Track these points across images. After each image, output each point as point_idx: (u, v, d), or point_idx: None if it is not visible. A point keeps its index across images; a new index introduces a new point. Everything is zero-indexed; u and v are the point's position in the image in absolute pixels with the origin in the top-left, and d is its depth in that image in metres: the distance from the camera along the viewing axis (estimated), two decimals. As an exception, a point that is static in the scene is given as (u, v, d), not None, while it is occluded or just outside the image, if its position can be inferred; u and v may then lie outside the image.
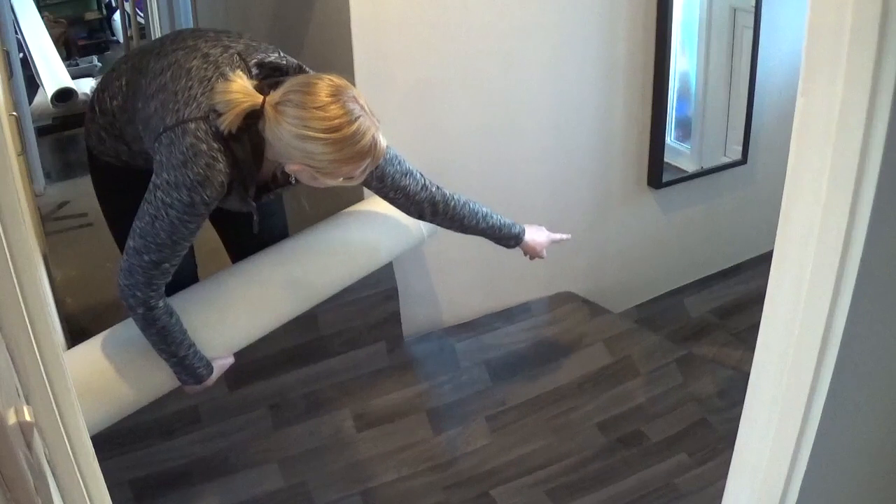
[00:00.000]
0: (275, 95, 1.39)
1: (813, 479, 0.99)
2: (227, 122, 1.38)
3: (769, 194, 2.35)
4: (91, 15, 6.11)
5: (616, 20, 2.18)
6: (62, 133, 4.21)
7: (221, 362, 1.67)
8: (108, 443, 1.80)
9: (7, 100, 2.29)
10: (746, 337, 2.48)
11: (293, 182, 1.57)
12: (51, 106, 4.18)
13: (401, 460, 2.04)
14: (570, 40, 2.15)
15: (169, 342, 1.52)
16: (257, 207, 1.54)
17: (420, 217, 1.75)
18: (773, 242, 0.94)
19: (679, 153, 2.54)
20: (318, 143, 1.36)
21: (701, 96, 2.52)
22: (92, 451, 0.88)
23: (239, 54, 1.48)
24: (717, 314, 2.68)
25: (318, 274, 1.77)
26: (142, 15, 4.52)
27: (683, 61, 2.40)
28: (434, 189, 1.71)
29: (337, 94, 1.37)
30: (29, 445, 0.71)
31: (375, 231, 1.88)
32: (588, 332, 2.39)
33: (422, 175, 1.70)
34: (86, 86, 4.42)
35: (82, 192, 3.41)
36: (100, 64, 5.44)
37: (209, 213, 1.45)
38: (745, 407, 1.07)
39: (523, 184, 2.26)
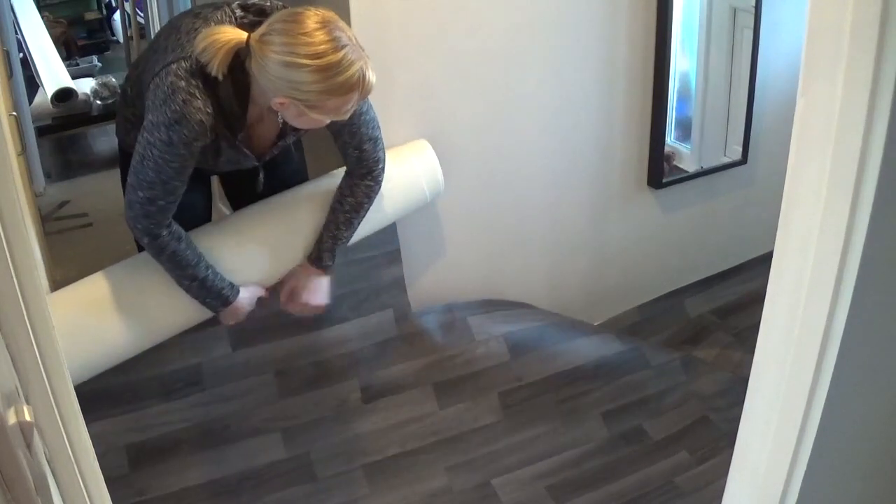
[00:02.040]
0: (260, 29, 1.39)
1: (813, 479, 0.99)
2: (216, 65, 1.38)
3: (769, 194, 2.35)
4: (91, 15, 6.11)
5: (616, 20, 2.18)
6: (62, 133, 4.22)
7: (253, 288, 1.69)
8: (105, 401, 1.78)
9: (7, 100, 2.29)
10: (747, 338, 2.47)
11: (292, 134, 1.57)
12: (51, 106, 4.18)
13: (406, 434, 2.01)
14: (570, 40, 2.15)
15: (184, 266, 1.55)
16: (263, 166, 1.56)
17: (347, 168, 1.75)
18: (773, 242, 0.94)
19: (679, 153, 2.54)
20: (304, 70, 1.34)
21: (701, 96, 2.52)
22: (92, 451, 0.88)
23: (227, 4, 1.50)
24: (717, 315, 2.68)
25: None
26: (142, 15, 4.52)
27: (683, 61, 2.40)
28: (380, 166, 1.72)
29: (324, 23, 1.36)
30: (29, 445, 0.71)
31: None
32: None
33: (382, 149, 1.72)
34: (86, 86, 4.42)
35: (82, 192, 3.42)
36: (100, 64, 5.43)
37: (193, 156, 1.45)
38: (745, 407, 1.07)
39: (523, 184, 2.26)
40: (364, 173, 1.72)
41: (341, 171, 1.86)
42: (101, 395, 1.74)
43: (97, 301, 1.60)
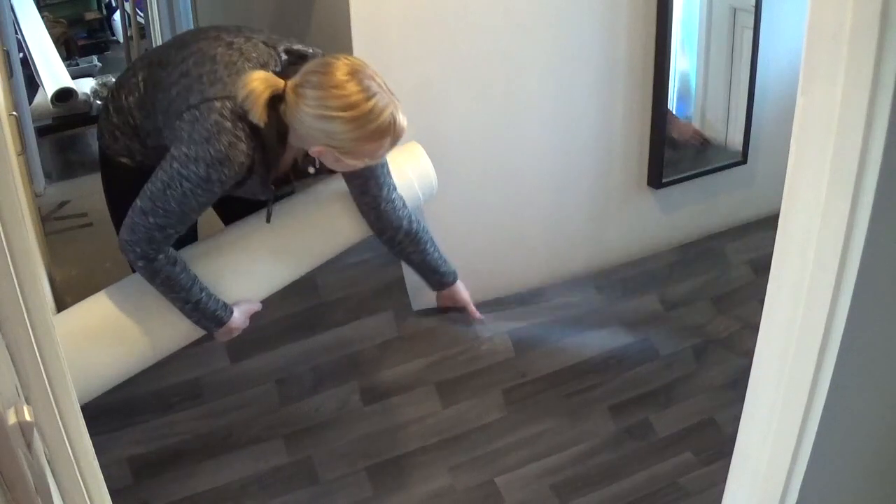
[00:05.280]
0: (295, 79, 1.43)
1: (813, 479, 0.99)
2: (258, 114, 1.41)
3: (769, 194, 2.34)
4: (91, 15, 6.11)
5: (616, 20, 2.18)
6: (62, 133, 4.21)
7: (246, 306, 1.69)
8: (105, 416, 1.79)
9: (7, 100, 2.29)
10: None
11: (312, 172, 1.60)
12: (51, 106, 4.18)
13: (409, 434, 2.00)
14: (570, 40, 2.15)
15: (178, 290, 1.55)
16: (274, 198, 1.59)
17: (377, 231, 1.82)
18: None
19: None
20: (337, 122, 1.39)
21: (701, 96, 2.52)
22: (92, 451, 0.88)
23: (264, 42, 1.52)
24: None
25: (322, 231, 1.80)
26: (142, 15, 4.52)
27: (683, 61, 2.40)
28: (395, 218, 1.78)
29: (353, 72, 1.40)
30: (29, 445, 0.71)
31: None
32: (610, 311, 2.33)
33: (401, 200, 1.79)
34: (86, 86, 4.42)
35: (82, 192, 3.41)
36: (100, 64, 5.44)
37: (222, 192, 1.48)
38: (745, 407, 1.07)
39: (523, 184, 2.26)
40: (382, 224, 1.80)
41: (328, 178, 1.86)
42: (99, 411, 1.73)
43: (91, 328, 1.61)
